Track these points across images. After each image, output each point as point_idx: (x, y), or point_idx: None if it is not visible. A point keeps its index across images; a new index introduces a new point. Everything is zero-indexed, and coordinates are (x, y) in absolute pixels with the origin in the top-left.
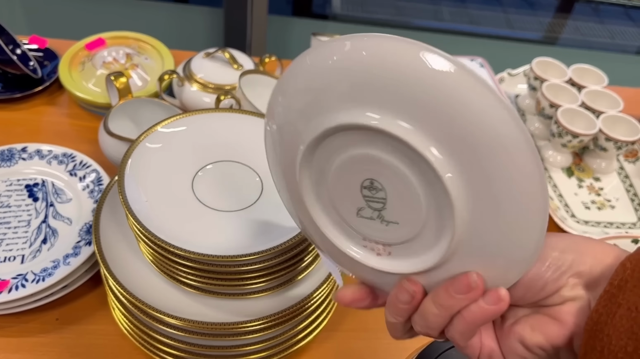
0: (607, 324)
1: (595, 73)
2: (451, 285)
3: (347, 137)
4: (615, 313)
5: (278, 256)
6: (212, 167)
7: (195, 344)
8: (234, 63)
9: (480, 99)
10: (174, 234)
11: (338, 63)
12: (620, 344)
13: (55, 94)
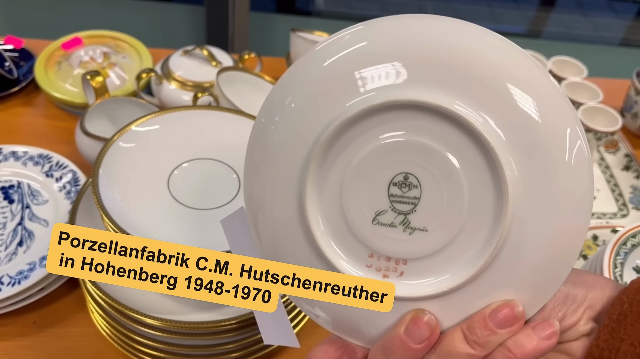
0: (617, 355)
1: (575, 65)
2: (492, 317)
3: (385, 120)
4: (619, 349)
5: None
6: (188, 165)
7: (174, 344)
8: (213, 61)
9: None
10: (149, 233)
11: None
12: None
13: (32, 95)
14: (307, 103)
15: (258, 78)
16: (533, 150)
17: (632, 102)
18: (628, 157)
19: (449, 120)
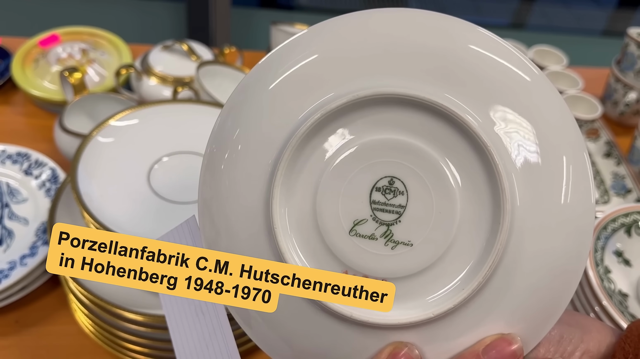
0: None
1: (555, 54)
2: (486, 354)
3: (368, 117)
4: None
5: None
6: (169, 159)
7: (157, 339)
8: (193, 55)
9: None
10: (130, 228)
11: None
12: None
13: (9, 93)
14: (275, 103)
15: (238, 72)
16: (534, 161)
17: (612, 90)
18: (609, 145)
19: (444, 119)
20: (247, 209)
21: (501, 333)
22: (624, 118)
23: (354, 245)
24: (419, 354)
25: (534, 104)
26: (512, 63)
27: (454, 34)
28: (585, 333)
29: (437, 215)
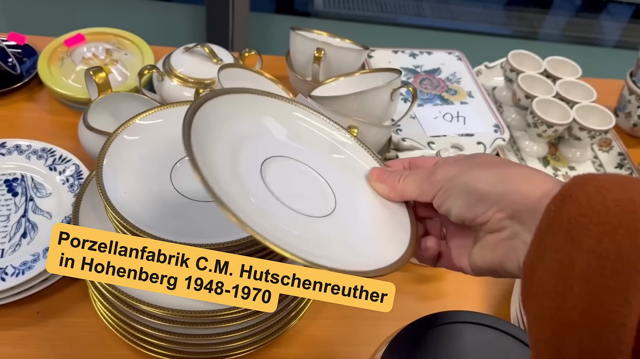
0: (538, 268)
1: (569, 65)
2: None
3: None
4: (544, 257)
5: (257, 243)
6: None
7: (176, 333)
8: (214, 58)
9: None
10: (152, 225)
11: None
12: (551, 285)
13: (35, 90)
14: None
15: (258, 75)
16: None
17: (626, 101)
18: (621, 155)
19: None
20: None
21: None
22: (636, 129)
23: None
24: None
25: None
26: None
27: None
28: (505, 194)
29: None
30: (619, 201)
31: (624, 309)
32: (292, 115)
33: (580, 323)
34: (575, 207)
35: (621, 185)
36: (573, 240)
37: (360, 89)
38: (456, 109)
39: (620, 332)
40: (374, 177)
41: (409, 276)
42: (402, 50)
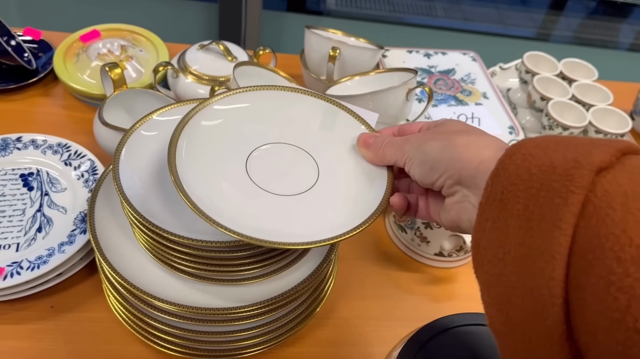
0: (482, 238)
1: (585, 67)
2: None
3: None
4: (485, 228)
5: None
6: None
7: (189, 330)
8: (229, 55)
9: None
10: (167, 220)
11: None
12: (493, 253)
13: (50, 85)
14: None
15: (273, 74)
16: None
17: None
18: None
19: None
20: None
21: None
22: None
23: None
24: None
25: None
26: None
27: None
28: (451, 161)
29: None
30: (540, 166)
31: (551, 264)
32: (282, 100)
33: (519, 284)
34: (506, 178)
35: (545, 149)
36: (506, 208)
37: (375, 89)
38: (471, 110)
39: (550, 286)
40: (360, 142)
41: (420, 277)
42: (416, 50)
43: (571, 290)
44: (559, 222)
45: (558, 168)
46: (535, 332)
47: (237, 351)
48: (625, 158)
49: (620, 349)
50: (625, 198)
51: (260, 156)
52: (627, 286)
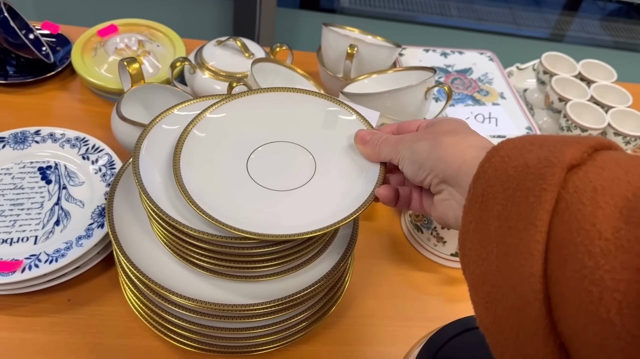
0: (467, 240)
1: (604, 68)
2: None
3: None
4: (469, 230)
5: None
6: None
7: (204, 326)
8: (246, 52)
9: None
10: (186, 215)
11: None
12: (477, 253)
13: (68, 79)
14: None
15: (290, 71)
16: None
17: None
18: None
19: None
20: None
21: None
22: None
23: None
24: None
25: None
26: None
27: None
28: (435, 161)
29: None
30: (516, 167)
31: (529, 261)
32: (286, 101)
33: (503, 282)
34: (486, 180)
35: (521, 150)
36: (487, 209)
37: (393, 87)
38: (488, 110)
39: (531, 282)
40: (357, 139)
41: (436, 277)
42: (433, 49)
43: (550, 285)
44: (534, 220)
45: (532, 167)
46: (522, 328)
47: (252, 348)
48: (596, 154)
49: (598, 341)
50: (595, 192)
51: (261, 155)
52: (598, 278)
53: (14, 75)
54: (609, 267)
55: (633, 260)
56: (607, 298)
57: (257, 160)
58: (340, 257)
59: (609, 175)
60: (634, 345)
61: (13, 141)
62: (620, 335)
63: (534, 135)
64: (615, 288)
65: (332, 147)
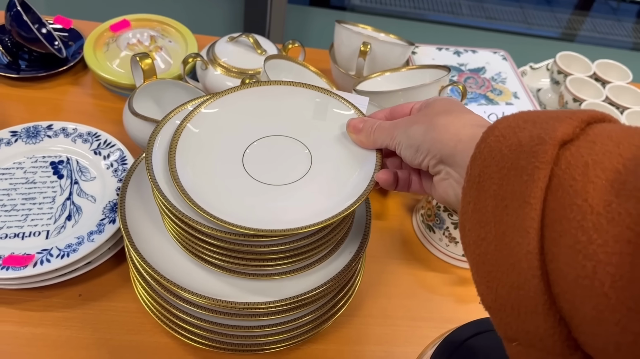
0: (466, 220)
1: (619, 68)
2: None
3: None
4: (468, 211)
5: (300, 240)
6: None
7: (215, 323)
8: (258, 48)
9: None
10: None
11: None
12: (476, 234)
13: (80, 74)
14: None
15: (303, 68)
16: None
17: None
18: None
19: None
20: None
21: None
22: None
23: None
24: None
25: None
26: None
27: None
28: (432, 143)
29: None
30: (510, 146)
31: (526, 238)
32: (273, 94)
33: (502, 261)
34: (482, 161)
35: (515, 128)
36: (483, 189)
37: (406, 85)
38: (501, 110)
39: (528, 259)
40: (350, 128)
41: (447, 278)
42: (446, 48)
43: (547, 261)
44: (528, 198)
45: (525, 146)
46: (522, 305)
47: (262, 346)
48: (589, 128)
49: (595, 314)
50: (586, 167)
51: (255, 150)
52: (592, 253)
53: (26, 70)
54: (602, 241)
55: (624, 232)
56: (600, 272)
57: (252, 155)
58: (353, 257)
59: (601, 148)
60: (629, 317)
61: (25, 135)
62: (615, 308)
63: (529, 112)
64: (608, 261)
65: (327, 137)
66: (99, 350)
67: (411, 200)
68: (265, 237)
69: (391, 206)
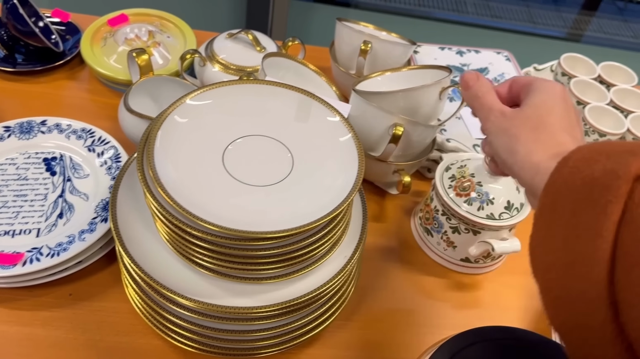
0: (537, 246)
1: (624, 71)
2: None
3: None
4: (539, 237)
5: (295, 243)
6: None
7: (206, 327)
8: (257, 46)
9: None
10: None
11: None
12: (547, 260)
13: (76, 69)
14: None
15: (301, 66)
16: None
17: None
18: None
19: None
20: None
21: None
22: None
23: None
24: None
25: None
26: None
27: None
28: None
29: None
30: (584, 179)
31: (596, 268)
32: (256, 94)
33: (570, 288)
34: (555, 191)
35: (589, 160)
36: (555, 218)
37: (407, 85)
38: None
39: (597, 289)
40: (462, 81)
41: (445, 282)
42: (449, 47)
43: (617, 291)
44: (600, 231)
45: (598, 179)
46: (590, 331)
47: (254, 351)
48: None
49: None
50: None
51: (236, 149)
52: None
53: (22, 63)
54: None
55: None
56: None
57: (234, 154)
58: (347, 261)
59: None
60: None
61: (19, 130)
62: None
63: (602, 143)
64: None
65: (307, 140)
66: (88, 351)
67: (410, 202)
68: (250, 241)
69: (389, 209)
